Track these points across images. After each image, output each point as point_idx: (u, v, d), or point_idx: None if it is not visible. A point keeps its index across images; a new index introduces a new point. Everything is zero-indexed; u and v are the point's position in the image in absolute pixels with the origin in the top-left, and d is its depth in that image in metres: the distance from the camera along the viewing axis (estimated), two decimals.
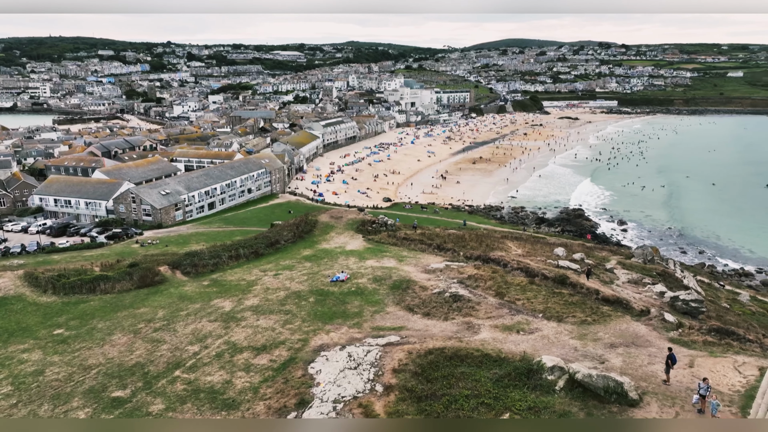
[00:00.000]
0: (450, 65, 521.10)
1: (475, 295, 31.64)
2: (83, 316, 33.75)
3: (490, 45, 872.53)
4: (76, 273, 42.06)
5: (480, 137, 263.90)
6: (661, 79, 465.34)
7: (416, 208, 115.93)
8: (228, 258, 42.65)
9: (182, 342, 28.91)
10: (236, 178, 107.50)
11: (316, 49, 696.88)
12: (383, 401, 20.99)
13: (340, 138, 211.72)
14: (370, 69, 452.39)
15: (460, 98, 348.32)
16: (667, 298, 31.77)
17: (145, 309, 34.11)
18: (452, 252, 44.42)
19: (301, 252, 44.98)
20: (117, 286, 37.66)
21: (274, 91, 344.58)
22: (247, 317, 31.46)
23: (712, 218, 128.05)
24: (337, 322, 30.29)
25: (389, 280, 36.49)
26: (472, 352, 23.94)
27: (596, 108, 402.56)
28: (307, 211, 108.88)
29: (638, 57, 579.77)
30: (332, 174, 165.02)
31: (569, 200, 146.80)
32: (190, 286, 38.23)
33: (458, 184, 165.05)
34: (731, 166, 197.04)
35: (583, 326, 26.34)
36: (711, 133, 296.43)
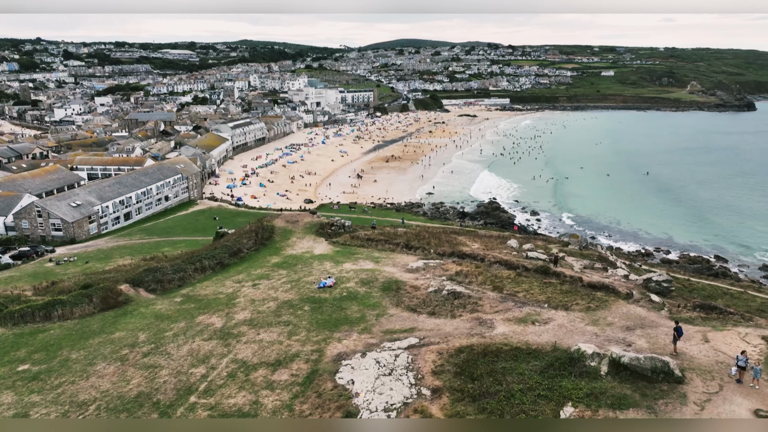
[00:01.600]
0: (350, 65, 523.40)
1: (472, 290, 32.24)
2: (47, 347, 29.94)
3: (385, 45, 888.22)
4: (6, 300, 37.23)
5: (388, 136, 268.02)
6: (546, 78, 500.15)
7: (344, 208, 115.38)
8: (193, 271, 39.83)
9: (182, 365, 26.64)
10: (152, 186, 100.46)
11: (208, 48, 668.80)
12: (438, 404, 20.80)
13: (249, 140, 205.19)
14: (270, 68, 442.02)
15: (364, 97, 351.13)
16: (640, 280, 34.48)
17: (121, 333, 30.94)
18: (422, 250, 44.86)
19: (269, 260, 43.08)
20: (76, 310, 33.77)
21: (170, 91, 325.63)
22: (245, 332, 29.64)
23: (611, 205, 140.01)
24: (344, 328, 29.47)
25: (377, 282, 36.10)
26: (502, 347, 24.42)
27: (491, 105, 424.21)
28: (232, 216, 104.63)
29: (524, 57, 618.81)
30: (247, 177, 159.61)
31: (482, 194, 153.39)
32: (161, 304, 35.20)
33: (376, 182, 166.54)
34: (616, 156, 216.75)
35: (590, 313, 27.85)
36: (594, 127, 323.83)
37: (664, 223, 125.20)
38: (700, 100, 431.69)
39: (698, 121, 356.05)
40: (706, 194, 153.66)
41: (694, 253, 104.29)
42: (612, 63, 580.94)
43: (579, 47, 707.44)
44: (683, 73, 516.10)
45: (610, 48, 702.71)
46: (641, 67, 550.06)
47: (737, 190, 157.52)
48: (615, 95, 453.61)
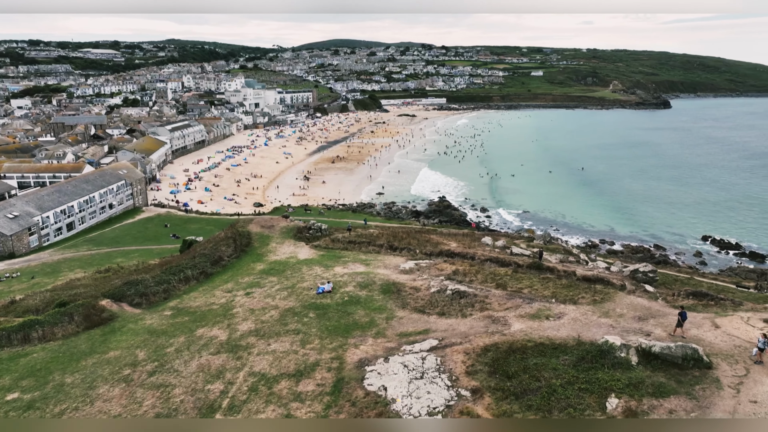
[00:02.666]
0: (286, 65, 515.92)
1: (476, 289, 32.58)
2: (34, 372, 27.51)
3: (319, 45, 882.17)
4: None
5: (331, 137, 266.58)
6: (479, 78, 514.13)
7: (299, 211, 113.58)
8: (177, 282, 37.85)
9: (196, 382, 25.25)
10: (94, 193, 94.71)
11: (134, 48, 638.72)
12: (482, 405, 20.86)
13: (188, 143, 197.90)
14: (203, 69, 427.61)
15: (303, 98, 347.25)
16: (627, 272, 36.16)
17: (116, 353, 28.89)
18: (407, 251, 44.89)
19: (254, 267, 41.64)
20: (57, 330, 31.23)
21: (96, 93, 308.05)
22: (254, 343, 28.48)
23: (554, 200, 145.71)
24: (356, 334, 28.95)
25: (374, 285, 35.73)
26: (526, 344, 24.83)
27: (429, 105, 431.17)
28: (183, 223, 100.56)
29: (457, 57, 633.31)
30: (191, 182, 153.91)
31: (431, 193, 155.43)
32: (151, 319, 33.18)
33: (324, 184, 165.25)
34: (551, 153, 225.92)
35: (598, 305, 28.84)
36: (528, 125, 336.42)
37: (605, 216, 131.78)
38: (622, 99, 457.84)
39: (623, 118, 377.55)
40: (638, 186, 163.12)
41: (635, 243, 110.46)
42: (540, 63, 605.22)
43: (508, 48, 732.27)
44: (605, 73, 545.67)
45: (538, 49, 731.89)
46: (567, 67, 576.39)
47: (665, 182, 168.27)
48: (545, 94, 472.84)
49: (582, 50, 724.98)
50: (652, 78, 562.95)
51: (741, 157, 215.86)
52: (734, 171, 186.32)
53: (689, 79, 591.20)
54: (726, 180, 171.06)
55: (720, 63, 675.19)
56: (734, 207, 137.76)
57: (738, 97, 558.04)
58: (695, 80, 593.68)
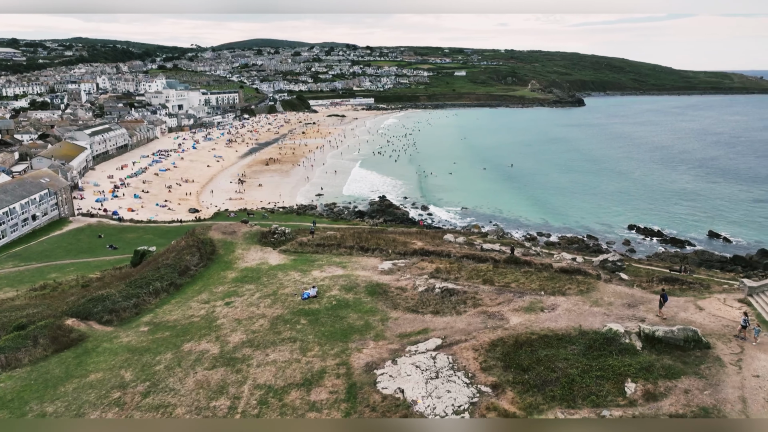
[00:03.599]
0: (208, 65, 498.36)
1: (464, 286, 33.01)
2: (5, 404, 24.78)
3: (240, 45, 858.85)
4: None
5: (261, 138, 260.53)
6: (405, 78, 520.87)
7: (241, 215, 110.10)
8: (146, 295, 35.53)
9: (198, 399, 23.88)
10: (15, 204, 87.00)
11: (36, 46, 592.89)
12: (506, 400, 21.21)
13: (110, 147, 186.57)
14: (119, 69, 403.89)
15: (229, 99, 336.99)
16: (596, 262, 38.04)
17: (97, 375, 26.69)
18: (379, 251, 44.74)
19: (225, 275, 39.85)
20: (22, 356, 28.42)
21: None
22: (251, 354, 27.30)
23: (489, 196, 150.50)
24: (355, 338, 28.49)
25: (359, 287, 35.30)
26: (530, 336, 25.51)
27: (357, 105, 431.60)
28: (118, 233, 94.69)
29: (382, 58, 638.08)
30: (117, 189, 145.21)
31: (370, 192, 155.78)
32: (127, 336, 30.92)
33: (261, 187, 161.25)
34: (481, 151, 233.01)
35: (585, 296, 30.10)
36: (456, 123, 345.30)
37: (538, 209, 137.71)
38: (540, 97, 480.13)
39: (542, 116, 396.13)
40: (565, 180, 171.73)
41: (569, 234, 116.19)
42: (462, 64, 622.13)
43: (431, 49, 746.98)
44: (524, 73, 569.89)
45: (459, 50, 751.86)
46: (488, 67, 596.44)
47: (588, 176, 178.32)
48: (469, 94, 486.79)
49: (501, 51, 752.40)
50: (566, 77, 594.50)
51: (649, 150, 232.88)
52: (646, 163, 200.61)
53: (599, 79, 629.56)
54: (640, 172, 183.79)
55: (624, 64, 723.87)
56: (651, 197, 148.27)
57: (641, 95, 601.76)
58: (604, 79, 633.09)
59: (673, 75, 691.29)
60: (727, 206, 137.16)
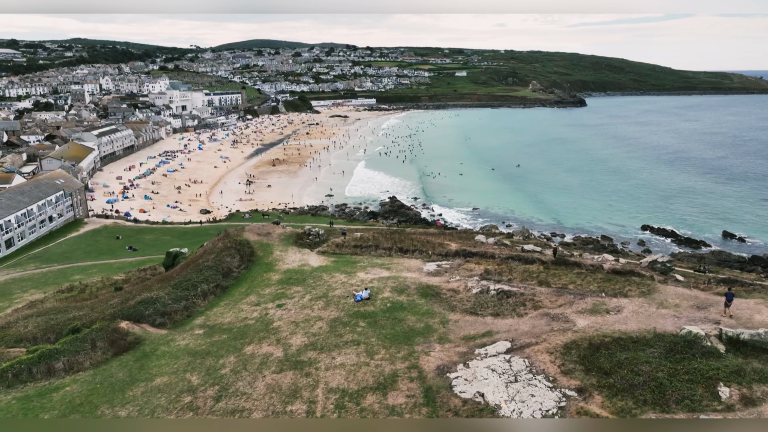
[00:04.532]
0: (209, 66, 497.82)
1: (519, 287, 32.74)
2: (76, 408, 24.46)
3: (239, 45, 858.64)
4: None
5: (266, 139, 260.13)
6: (406, 79, 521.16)
7: (257, 216, 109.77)
8: (194, 298, 35.20)
9: (273, 404, 23.53)
10: (32, 206, 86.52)
11: (36, 47, 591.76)
12: (595, 403, 20.91)
13: (117, 148, 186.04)
14: (120, 70, 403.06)
15: (232, 100, 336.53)
16: (645, 263, 37.81)
17: (163, 378, 26.33)
18: (418, 252, 44.45)
19: (269, 277, 39.48)
20: (84, 359, 28.07)
21: (0, 96, 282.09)
22: (317, 358, 26.96)
23: (500, 197, 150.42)
24: (419, 341, 28.17)
25: (410, 289, 34.98)
26: (603, 339, 25.20)
27: (359, 106, 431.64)
28: (136, 234, 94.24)
29: (382, 58, 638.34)
30: (127, 190, 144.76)
31: (380, 193, 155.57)
32: (183, 339, 30.54)
33: (270, 188, 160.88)
34: (486, 151, 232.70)
35: (648, 297, 29.82)
36: (459, 124, 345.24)
37: (549, 210, 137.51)
38: (542, 98, 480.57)
39: (545, 116, 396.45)
40: (574, 181, 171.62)
41: (583, 234, 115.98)
42: (463, 64, 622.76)
43: (431, 49, 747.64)
44: (524, 74, 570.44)
45: (459, 50, 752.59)
46: (489, 67, 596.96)
47: (597, 176, 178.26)
48: (470, 94, 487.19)
49: (500, 51, 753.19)
50: (567, 78, 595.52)
51: (655, 150, 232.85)
52: (653, 163, 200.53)
53: (599, 79, 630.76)
54: (648, 172, 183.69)
55: (624, 64, 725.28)
56: (661, 197, 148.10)
57: (642, 95, 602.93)
58: (604, 80, 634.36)
59: (673, 75, 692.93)
60: (738, 206, 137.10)
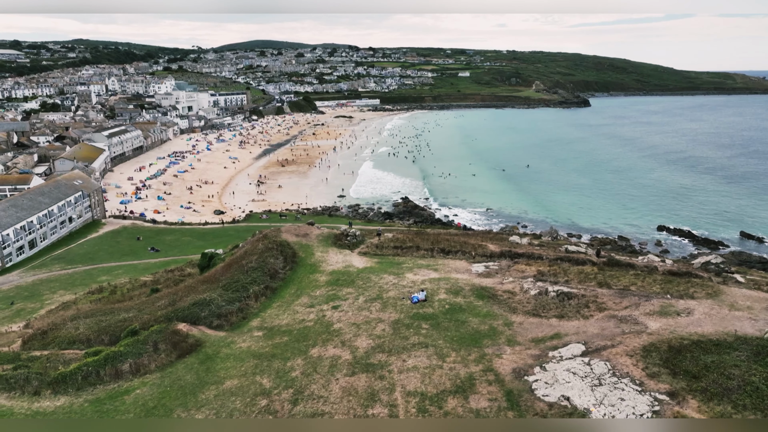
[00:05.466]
0: (213, 66, 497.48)
1: (578, 289, 32.44)
2: (150, 411, 24.15)
3: (241, 46, 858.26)
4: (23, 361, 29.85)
5: (273, 140, 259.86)
6: (410, 79, 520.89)
7: (274, 216, 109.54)
8: (246, 299, 34.88)
9: (353, 407, 23.21)
10: (52, 207, 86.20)
11: (39, 48, 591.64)
12: (691, 408, 20.59)
13: (126, 149, 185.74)
14: (125, 71, 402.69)
15: (237, 100, 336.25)
16: (698, 264, 37.55)
17: (233, 381, 26.00)
18: (461, 254, 44.15)
19: (316, 279, 39.16)
20: (148, 362, 27.76)
21: (7, 97, 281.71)
22: (387, 361, 26.63)
23: (512, 197, 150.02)
24: (487, 343, 27.89)
25: (464, 291, 34.68)
26: (682, 342, 24.90)
27: (363, 106, 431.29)
28: (156, 235, 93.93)
29: (385, 59, 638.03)
30: (139, 190, 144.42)
31: (392, 194, 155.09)
32: (243, 341, 30.20)
33: (281, 188, 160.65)
34: (494, 152, 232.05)
35: (716, 299, 29.52)
36: (464, 124, 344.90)
37: (563, 210, 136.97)
38: (546, 98, 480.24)
39: (549, 116, 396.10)
40: (585, 181, 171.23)
41: (599, 235, 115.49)
42: (466, 65, 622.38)
43: (433, 50, 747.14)
44: (527, 74, 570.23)
45: (461, 50, 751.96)
46: (492, 68, 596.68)
47: (608, 176, 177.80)
48: (474, 94, 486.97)
49: (502, 52, 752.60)
50: (569, 78, 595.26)
51: (664, 151, 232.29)
52: (662, 164, 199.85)
53: (602, 79, 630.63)
54: (659, 172, 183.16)
55: (627, 64, 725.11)
56: (673, 197, 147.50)
57: (645, 95, 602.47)
58: (607, 80, 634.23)
59: (676, 75, 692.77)
60: (753, 206, 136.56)
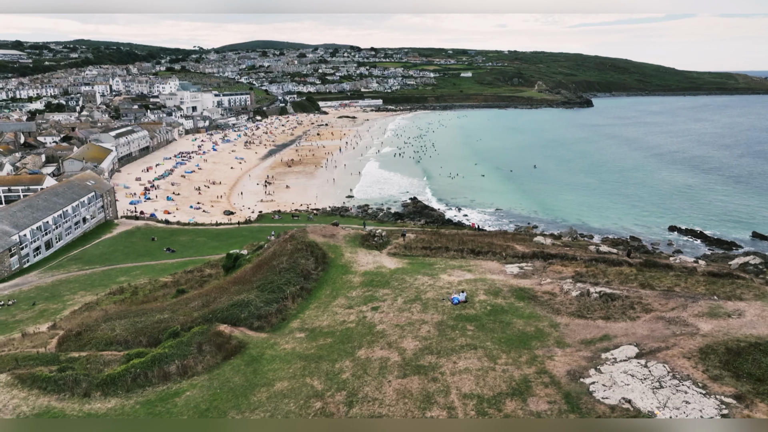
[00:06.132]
0: (215, 67, 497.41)
1: (622, 290, 32.24)
2: (203, 413, 23.93)
3: (242, 46, 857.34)
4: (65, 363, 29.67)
5: (278, 140, 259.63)
6: (412, 79, 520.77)
7: (286, 217, 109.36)
8: (284, 300, 34.67)
9: (410, 410, 22.97)
10: (67, 207, 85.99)
11: (41, 48, 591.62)
12: (761, 412, 20.40)
13: (133, 150, 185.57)
14: (128, 71, 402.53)
15: (240, 101, 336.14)
16: (736, 264, 37.37)
17: (283, 383, 25.74)
18: (491, 254, 43.94)
19: (350, 280, 38.92)
20: (195, 364, 27.53)
21: (11, 98, 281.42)
22: (438, 363, 26.42)
23: (520, 197, 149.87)
24: (536, 345, 27.66)
25: (504, 292, 34.45)
26: (738, 344, 24.70)
27: (366, 107, 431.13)
28: (170, 235, 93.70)
29: (387, 59, 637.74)
30: (148, 191, 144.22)
31: (400, 194, 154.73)
32: (286, 343, 29.95)
33: (289, 188, 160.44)
34: (500, 152, 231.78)
35: (765, 300, 29.38)
36: (468, 125, 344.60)
37: (572, 210, 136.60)
38: (549, 98, 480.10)
39: (553, 116, 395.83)
40: (592, 181, 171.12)
41: (611, 235, 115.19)
42: (468, 65, 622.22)
43: (434, 50, 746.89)
44: (529, 74, 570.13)
45: (463, 51, 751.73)
46: (494, 68, 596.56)
47: (614, 176, 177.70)
48: (476, 95, 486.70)
49: (504, 52, 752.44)
50: (571, 78, 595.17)
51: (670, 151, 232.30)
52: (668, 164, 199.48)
53: (604, 79, 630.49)
54: (666, 172, 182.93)
55: (628, 64, 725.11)
56: (682, 198, 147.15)
57: (647, 96, 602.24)
58: (609, 80, 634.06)
59: (678, 76, 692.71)
60: (763, 207, 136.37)
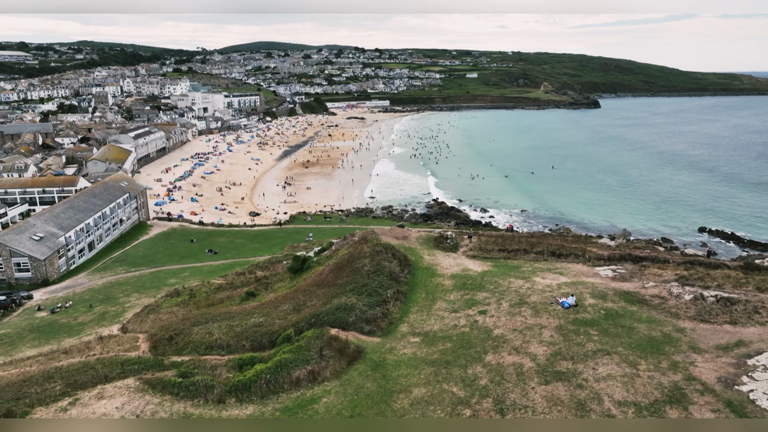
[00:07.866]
0: (221, 68, 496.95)
1: (739, 294, 31.73)
2: (348, 420, 23.41)
3: (244, 47, 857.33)
4: (184, 369, 29.13)
5: (291, 141, 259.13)
6: (418, 80, 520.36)
7: (319, 218, 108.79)
8: (385, 304, 34.11)
9: (565, 416, 22.48)
10: (105, 208, 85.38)
11: (47, 49, 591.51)
12: None
13: (151, 151, 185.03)
14: (137, 72, 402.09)
15: (250, 102, 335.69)
16: None
17: (421, 390, 24.89)
18: (573, 257, 43.41)
19: (441, 283, 38.35)
20: (322, 369, 26.94)
21: (23, 99, 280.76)
22: (575, 369, 25.74)
23: (543, 198, 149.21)
24: (669, 350, 26.87)
25: (610, 295, 33.88)
26: None
27: (373, 107, 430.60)
28: (207, 237, 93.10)
29: (391, 60, 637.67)
30: (171, 192, 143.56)
31: (422, 195, 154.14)
32: (404, 347, 29.33)
33: (309, 190, 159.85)
34: (516, 153, 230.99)
35: None
36: (478, 125, 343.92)
37: (596, 211, 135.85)
38: (555, 99, 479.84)
39: (561, 117, 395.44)
40: (612, 181, 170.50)
41: (641, 236, 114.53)
42: (473, 66, 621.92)
43: (438, 51, 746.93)
44: (535, 75, 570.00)
45: (467, 52, 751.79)
46: (499, 69, 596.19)
47: (634, 177, 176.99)
48: (483, 95, 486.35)
49: (508, 53, 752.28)
50: (577, 79, 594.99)
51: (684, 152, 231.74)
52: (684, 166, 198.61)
53: (609, 80, 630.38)
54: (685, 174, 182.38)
55: (633, 65, 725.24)
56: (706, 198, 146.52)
57: (653, 96, 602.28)
58: (614, 81, 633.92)
59: (683, 76, 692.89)
60: None
